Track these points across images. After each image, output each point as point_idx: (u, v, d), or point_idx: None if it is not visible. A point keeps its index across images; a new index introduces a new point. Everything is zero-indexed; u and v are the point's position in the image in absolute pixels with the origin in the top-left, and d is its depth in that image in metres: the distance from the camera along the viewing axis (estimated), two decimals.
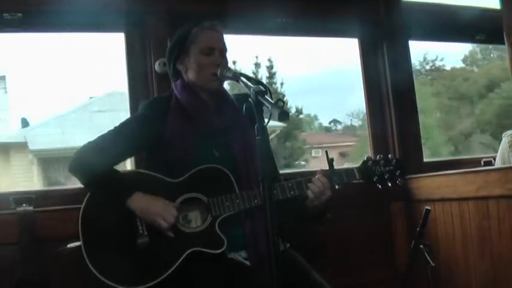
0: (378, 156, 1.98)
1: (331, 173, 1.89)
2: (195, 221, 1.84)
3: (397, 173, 1.95)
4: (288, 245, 1.96)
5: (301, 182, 1.87)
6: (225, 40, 1.97)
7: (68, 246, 2.03)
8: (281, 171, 2.33)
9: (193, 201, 1.84)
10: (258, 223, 1.84)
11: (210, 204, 1.81)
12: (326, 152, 1.94)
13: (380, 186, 1.95)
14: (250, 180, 1.87)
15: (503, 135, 2.99)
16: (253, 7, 2.76)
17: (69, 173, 1.91)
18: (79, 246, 1.81)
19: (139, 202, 1.78)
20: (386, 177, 1.95)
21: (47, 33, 2.72)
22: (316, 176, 1.88)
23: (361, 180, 1.96)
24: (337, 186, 1.90)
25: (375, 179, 1.95)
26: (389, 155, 1.99)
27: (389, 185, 1.96)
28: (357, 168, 1.96)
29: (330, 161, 1.89)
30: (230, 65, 1.99)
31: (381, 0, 3.05)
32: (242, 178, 1.87)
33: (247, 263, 1.84)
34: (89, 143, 1.90)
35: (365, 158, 1.98)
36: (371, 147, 3.10)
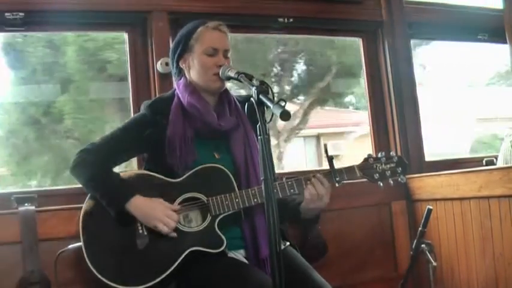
0: (379, 154, 1.96)
1: (331, 171, 1.88)
2: (195, 220, 1.85)
3: (398, 170, 1.93)
4: (288, 243, 1.96)
5: (300, 180, 1.86)
6: (229, 40, 1.96)
7: (70, 247, 2.04)
8: None
9: (193, 201, 1.84)
10: (258, 223, 1.84)
11: (209, 203, 1.82)
12: (325, 145, 1.91)
13: (381, 184, 1.94)
14: (249, 183, 1.86)
15: (505, 134, 2.98)
16: (254, 7, 2.76)
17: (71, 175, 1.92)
18: (80, 247, 1.81)
19: (139, 207, 1.78)
20: (387, 174, 1.93)
21: (49, 32, 2.72)
22: (317, 176, 1.87)
23: (362, 179, 1.94)
24: (337, 184, 1.88)
25: (376, 177, 1.93)
26: (391, 152, 1.97)
27: (391, 182, 1.95)
28: (357, 165, 1.94)
29: (330, 158, 1.87)
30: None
31: None
32: (242, 181, 1.87)
33: (247, 262, 1.84)
34: (91, 144, 1.90)
35: (366, 156, 1.96)
36: (373, 146, 3.10)
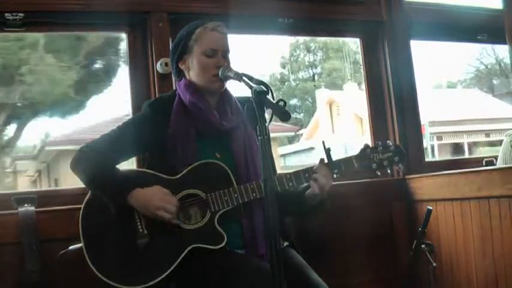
0: (376, 143, 1.94)
1: (328, 163, 1.87)
2: (195, 217, 1.84)
3: (396, 159, 1.92)
4: (287, 243, 1.96)
5: (299, 173, 1.86)
6: (228, 41, 1.95)
7: (70, 248, 2.03)
8: None
9: (192, 198, 1.84)
10: (257, 220, 1.84)
11: (208, 199, 1.82)
12: (323, 142, 1.91)
13: (379, 174, 1.92)
14: (250, 182, 1.86)
15: (504, 134, 2.98)
16: (254, 7, 2.76)
17: (71, 170, 1.91)
18: (80, 247, 1.81)
19: (138, 198, 1.78)
20: (385, 164, 1.91)
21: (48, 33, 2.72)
22: (317, 166, 1.86)
23: (359, 169, 1.92)
24: (335, 176, 1.88)
25: (373, 167, 1.91)
26: (388, 141, 1.95)
27: (389, 171, 1.93)
28: (354, 156, 1.92)
29: (327, 151, 1.87)
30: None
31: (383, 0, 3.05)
32: (242, 180, 1.86)
33: None
34: (92, 141, 1.91)
35: (363, 146, 1.94)
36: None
